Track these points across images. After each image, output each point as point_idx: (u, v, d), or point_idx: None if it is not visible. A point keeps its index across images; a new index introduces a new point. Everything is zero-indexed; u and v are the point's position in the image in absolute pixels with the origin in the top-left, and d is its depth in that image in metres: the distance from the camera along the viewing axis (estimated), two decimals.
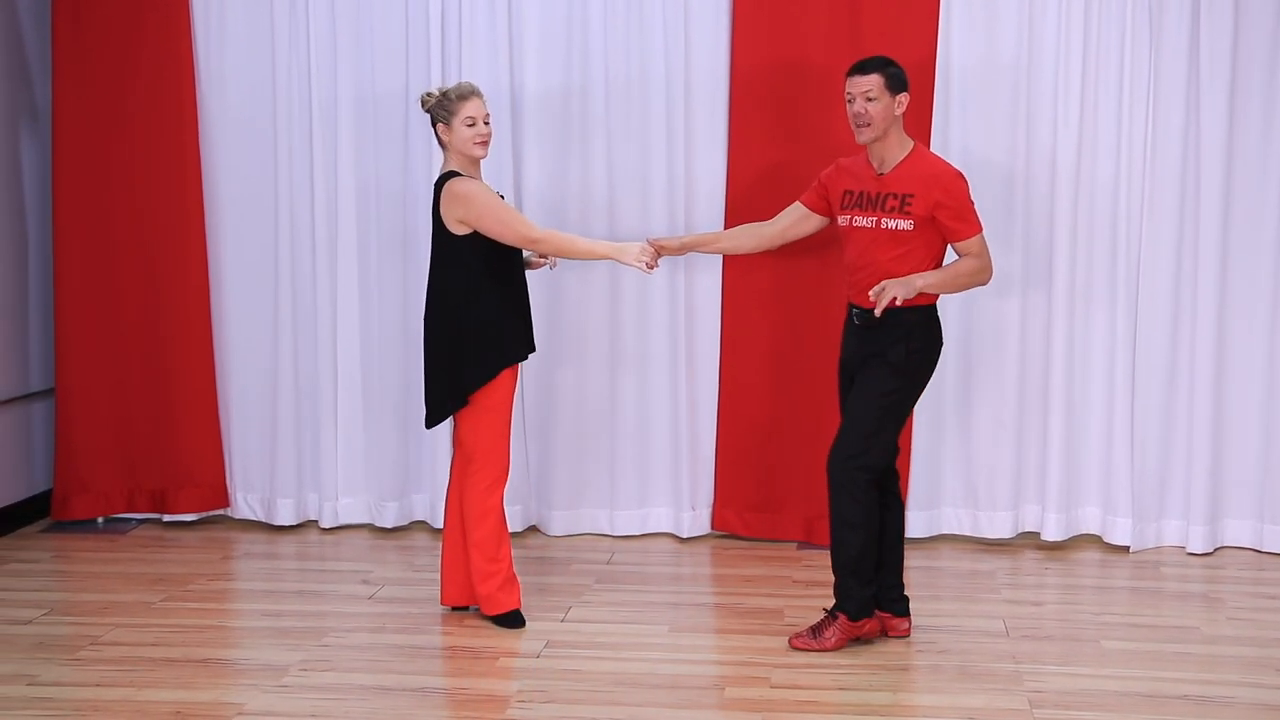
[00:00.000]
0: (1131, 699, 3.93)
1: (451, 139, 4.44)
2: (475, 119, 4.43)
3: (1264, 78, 5.29)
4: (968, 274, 4.32)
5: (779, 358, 5.50)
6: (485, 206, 4.39)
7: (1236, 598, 4.90)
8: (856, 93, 4.29)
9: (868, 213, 4.33)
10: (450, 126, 4.43)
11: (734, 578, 5.16)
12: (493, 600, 4.54)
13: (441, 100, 4.44)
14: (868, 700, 3.91)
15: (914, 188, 4.25)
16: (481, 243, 4.40)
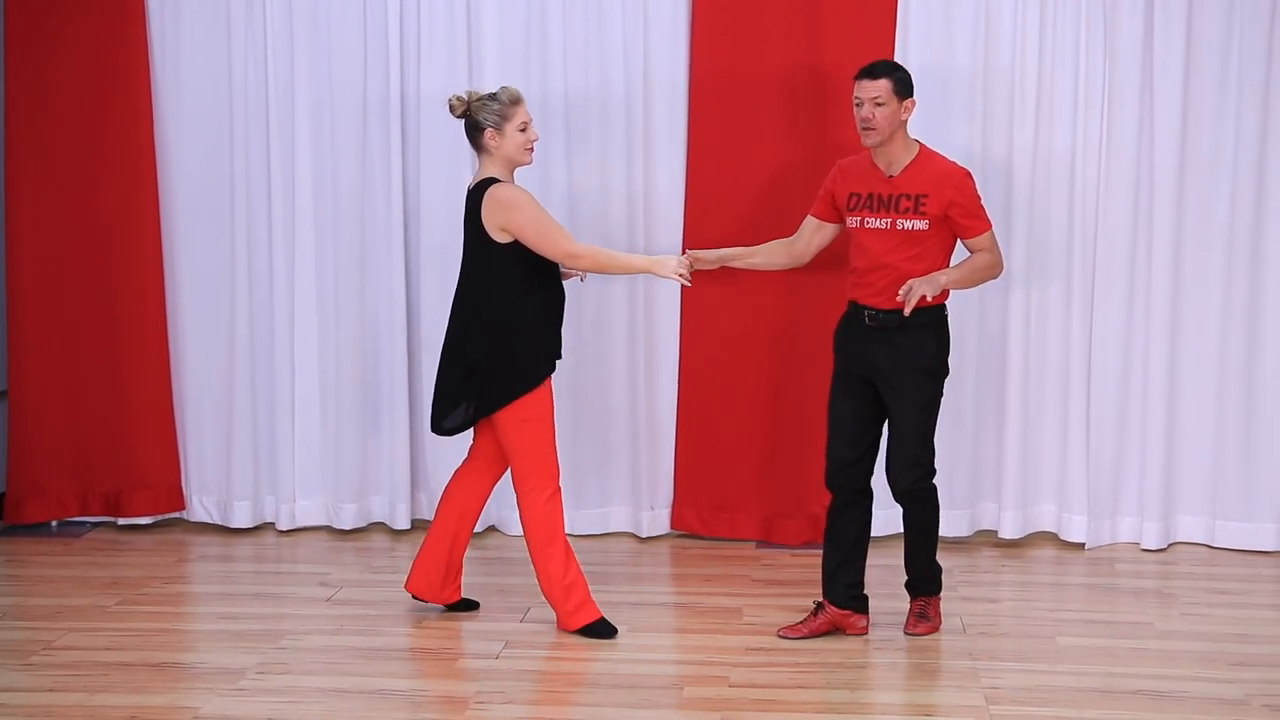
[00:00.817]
0: (1087, 694, 3.96)
1: (501, 144, 4.32)
2: (527, 124, 4.34)
3: (1215, 77, 5.35)
4: (984, 268, 4.43)
5: (738, 358, 5.50)
6: (530, 215, 4.29)
7: (1189, 593, 4.95)
8: (865, 97, 4.32)
9: (880, 214, 4.37)
10: (502, 132, 4.31)
11: (693, 577, 5.17)
12: (578, 615, 4.45)
13: (490, 104, 4.30)
14: (826, 698, 3.93)
15: (927, 188, 4.32)
16: (523, 252, 4.30)
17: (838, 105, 5.33)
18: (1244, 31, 5.31)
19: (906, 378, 4.35)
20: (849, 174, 4.50)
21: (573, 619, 4.44)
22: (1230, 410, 5.46)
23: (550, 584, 4.42)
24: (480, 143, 4.37)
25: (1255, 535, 5.45)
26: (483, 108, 4.32)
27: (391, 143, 5.53)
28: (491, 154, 4.36)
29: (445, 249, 5.55)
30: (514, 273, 4.32)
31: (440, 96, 5.48)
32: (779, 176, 5.38)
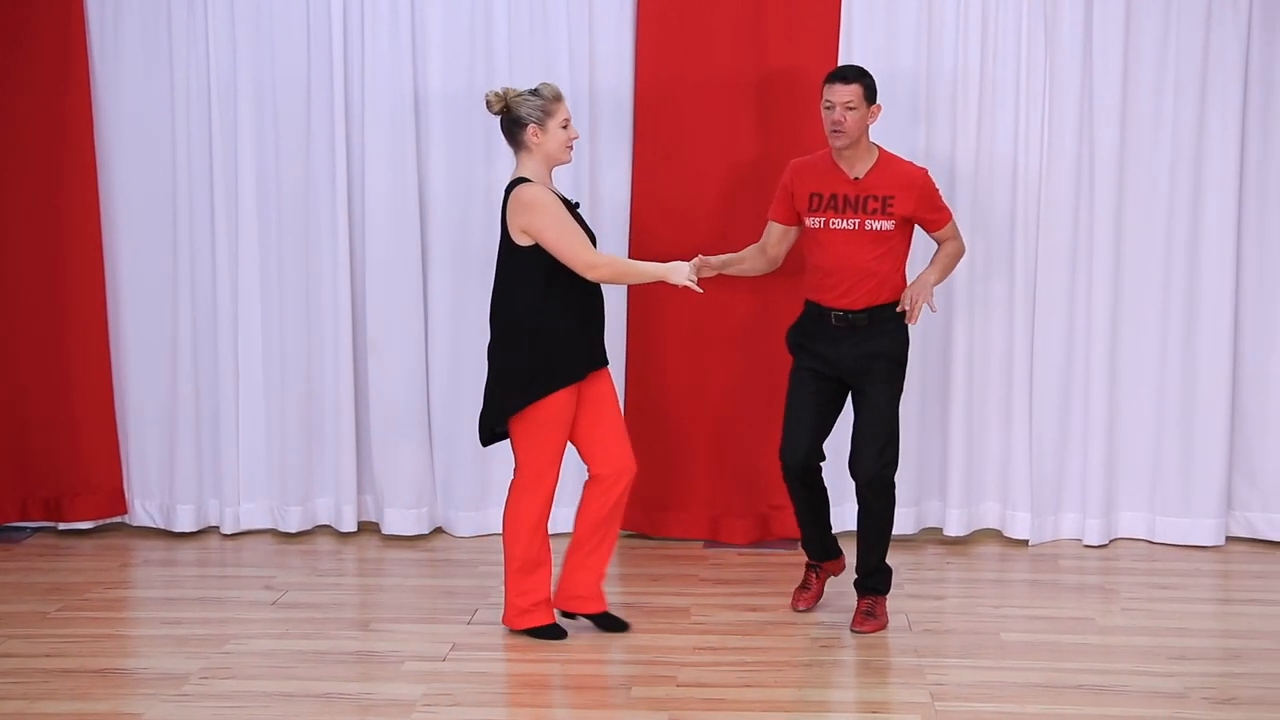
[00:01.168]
0: (1030, 690, 4.00)
1: (544, 141, 4.21)
2: (568, 121, 4.24)
3: (1152, 78, 5.42)
4: (955, 256, 4.66)
5: (686, 357, 5.52)
6: (551, 218, 4.17)
7: (1130, 588, 5.01)
8: (837, 101, 4.40)
9: (847, 215, 4.46)
10: (545, 129, 4.19)
11: (641, 577, 5.18)
12: (525, 617, 4.42)
13: (533, 99, 4.19)
14: (773, 696, 3.95)
15: (894, 190, 4.45)
16: (546, 255, 4.20)
17: (783, 108, 5.37)
18: (1180, 34, 5.39)
19: (880, 369, 4.49)
20: (806, 175, 4.56)
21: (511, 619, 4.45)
22: (1169, 408, 5.54)
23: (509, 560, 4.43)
24: (521, 140, 4.24)
25: (1194, 530, 5.53)
26: (524, 103, 4.20)
27: (336, 144, 5.49)
28: (532, 151, 4.24)
29: (391, 249, 5.53)
30: (535, 276, 4.22)
31: (384, 97, 5.47)
32: (726, 178, 5.40)
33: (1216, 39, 5.38)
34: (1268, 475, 5.54)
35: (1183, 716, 3.79)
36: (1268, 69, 5.42)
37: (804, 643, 4.40)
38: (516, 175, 4.27)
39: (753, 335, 5.44)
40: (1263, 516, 5.57)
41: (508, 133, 4.28)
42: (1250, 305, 5.51)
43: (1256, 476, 5.56)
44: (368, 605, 4.85)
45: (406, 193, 5.51)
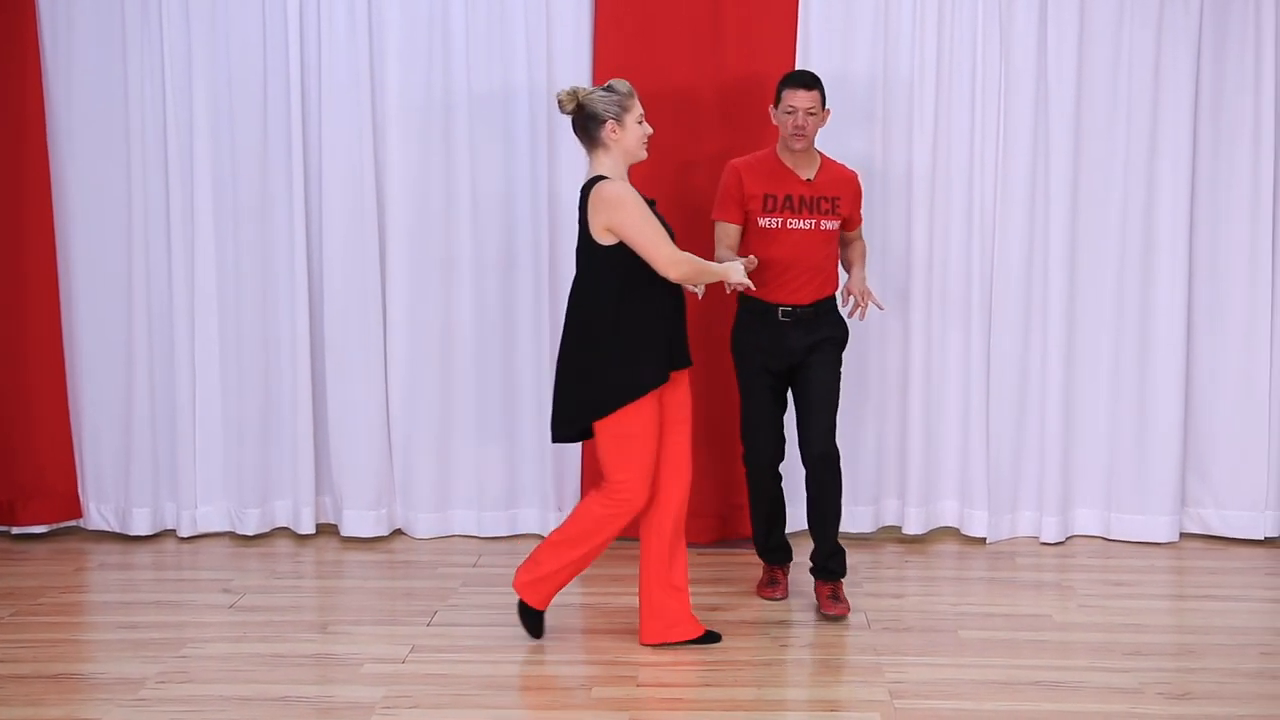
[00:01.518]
0: (988, 686, 4.03)
1: (622, 138, 4.11)
2: (643, 116, 4.17)
3: (1107, 82, 5.47)
4: (865, 252, 4.96)
5: None
6: (634, 215, 4.06)
7: (1086, 585, 5.06)
8: (800, 106, 4.58)
9: (804, 215, 4.65)
10: (623, 125, 4.10)
11: (601, 577, 5.17)
12: (532, 589, 4.33)
13: (609, 95, 4.09)
14: (733, 695, 3.95)
15: (839, 191, 4.73)
16: (627, 254, 4.09)
17: (740, 109, 5.38)
18: (1133, 39, 5.45)
19: (827, 351, 4.70)
20: (755, 176, 4.66)
21: (526, 589, 4.34)
22: (1124, 408, 5.59)
23: (542, 548, 4.32)
24: (598, 137, 4.13)
25: (1148, 527, 5.59)
26: (600, 99, 4.10)
27: (293, 144, 5.47)
28: (609, 148, 4.14)
29: (349, 249, 5.51)
30: (613, 275, 4.11)
31: (341, 97, 5.45)
32: (684, 179, 5.41)
33: (1169, 42, 5.44)
34: (1220, 473, 5.61)
35: (1138, 712, 3.82)
36: (1218, 74, 5.48)
37: (764, 642, 4.41)
38: (594, 174, 4.16)
39: (711, 335, 5.45)
40: (1215, 513, 5.64)
41: (582, 130, 4.16)
42: (1202, 305, 5.58)
43: (1209, 474, 5.63)
44: (326, 607, 4.82)
45: (364, 193, 5.49)
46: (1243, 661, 4.22)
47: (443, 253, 5.57)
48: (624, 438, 4.14)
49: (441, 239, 5.55)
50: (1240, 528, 5.60)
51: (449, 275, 5.58)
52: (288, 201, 5.51)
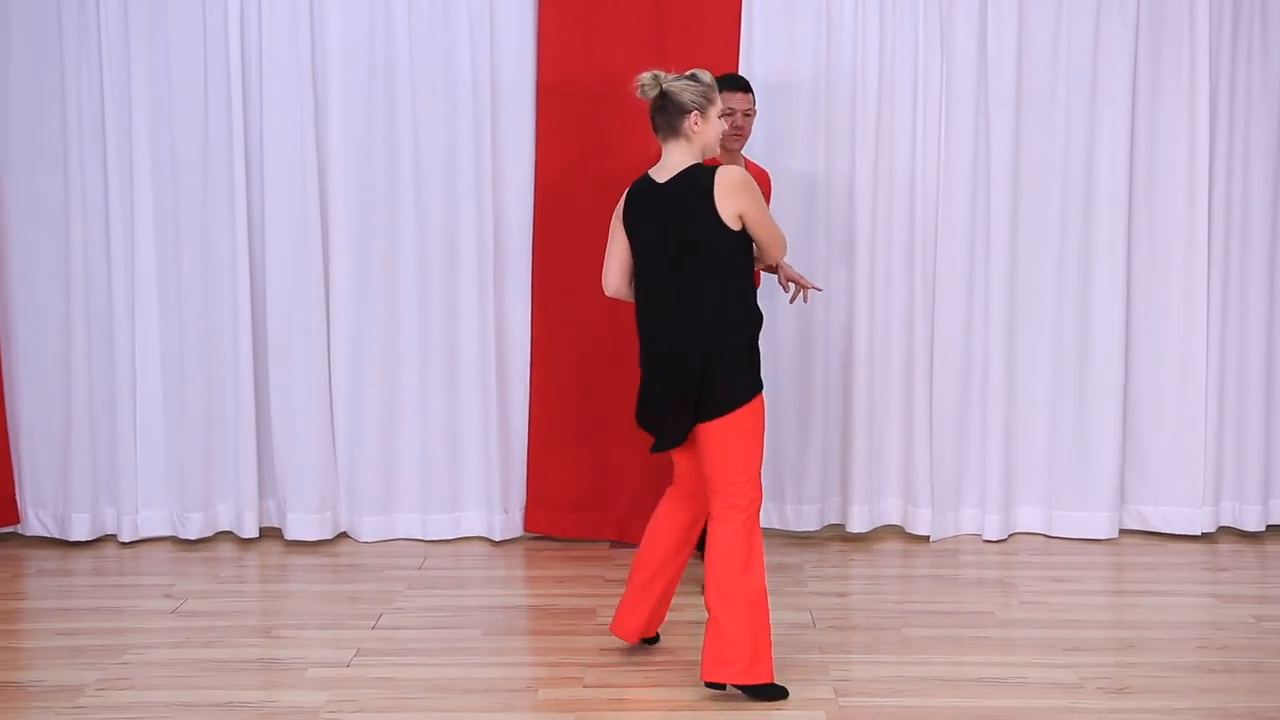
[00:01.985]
0: (932, 684, 4.06)
1: (704, 130, 3.89)
2: (723, 110, 4.01)
3: (1046, 81, 5.54)
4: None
5: (589, 358, 5.53)
6: (759, 198, 3.86)
7: (1028, 581, 5.11)
8: (740, 108, 4.68)
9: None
10: (706, 118, 3.89)
11: (547, 579, 5.17)
12: (754, 669, 3.86)
13: (694, 85, 3.87)
14: (679, 696, 3.96)
15: (763, 189, 4.80)
16: (737, 245, 3.87)
17: None
18: (1071, 39, 5.52)
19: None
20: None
21: (748, 672, 3.84)
22: (1064, 406, 5.66)
23: (739, 631, 3.83)
24: (680, 128, 3.90)
25: (1089, 524, 5.66)
26: (686, 89, 3.88)
27: (234, 144, 5.42)
28: (690, 141, 3.92)
29: (291, 250, 5.47)
30: (742, 264, 3.87)
31: (283, 95, 5.41)
32: (629, 174, 5.40)
33: (1106, 39, 5.51)
34: (1158, 469, 5.69)
35: (1078, 706, 3.87)
36: (1155, 73, 5.56)
37: None
38: (686, 166, 3.90)
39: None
40: (1154, 509, 5.72)
41: (662, 119, 3.93)
42: (1140, 306, 5.65)
43: (1147, 471, 5.70)
44: (270, 612, 4.79)
45: (307, 190, 5.45)
46: (1180, 655, 4.28)
47: (387, 250, 5.55)
48: (753, 432, 3.90)
49: (385, 235, 5.53)
50: (1178, 524, 5.68)
51: (393, 274, 5.55)
52: (229, 200, 5.47)
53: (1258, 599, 4.91)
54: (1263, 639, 4.43)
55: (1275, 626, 4.56)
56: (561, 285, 5.51)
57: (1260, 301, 5.66)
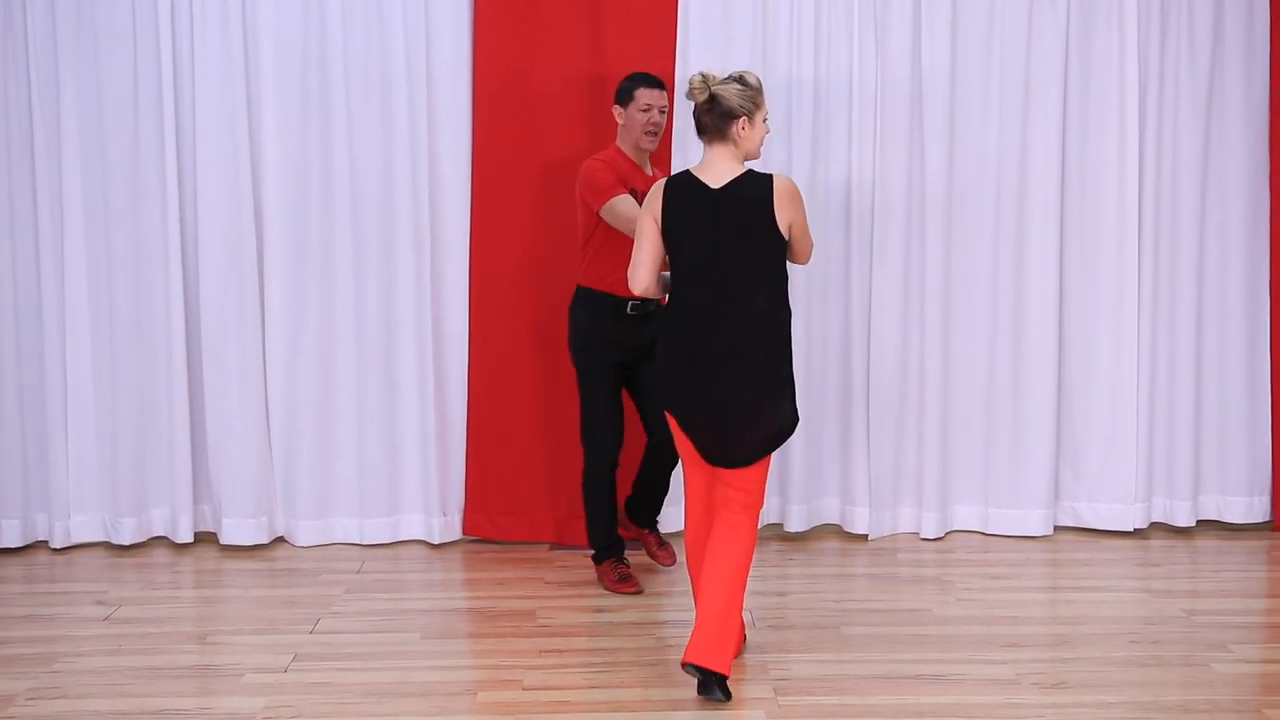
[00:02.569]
0: (870, 681, 4.09)
1: (751, 135, 3.86)
2: (767, 115, 3.95)
3: (979, 82, 5.59)
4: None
5: (527, 360, 5.51)
6: (805, 212, 3.90)
7: (965, 579, 5.16)
8: (656, 104, 4.74)
9: None
10: (753, 123, 3.85)
11: (486, 581, 5.15)
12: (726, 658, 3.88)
13: (744, 89, 3.82)
14: (619, 697, 3.96)
15: None
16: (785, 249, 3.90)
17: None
18: (1003, 41, 5.58)
19: (653, 354, 4.74)
20: (620, 171, 4.78)
21: (729, 662, 3.88)
22: (999, 405, 5.72)
23: (734, 614, 3.89)
24: (727, 132, 3.86)
25: (1024, 521, 5.72)
26: (737, 94, 3.82)
27: (166, 147, 5.35)
28: (737, 145, 3.87)
29: (225, 252, 5.41)
30: (781, 275, 3.88)
31: (215, 98, 5.35)
32: (566, 179, 5.41)
33: (1038, 45, 5.58)
34: (1090, 467, 5.76)
35: (1015, 702, 3.91)
36: (1085, 75, 5.63)
37: (650, 642, 4.42)
38: (740, 171, 3.88)
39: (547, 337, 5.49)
40: (1087, 506, 5.79)
41: (712, 123, 3.86)
42: (1073, 307, 5.72)
43: (1080, 468, 5.78)
44: (206, 618, 4.73)
45: (240, 191, 5.40)
46: (1113, 650, 4.34)
47: (322, 252, 5.50)
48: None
49: (320, 235, 5.48)
50: (1111, 520, 5.76)
51: (329, 275, 5.51)
52: (161, 202, 5.40)
53: (1189, 593, 4.98)
54: (1193, 633, 4.50)
55: (1205, 621, 4.63)
56: (500, 284, 5.49)
57: (1189, 302, 5.75)
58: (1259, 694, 3.97)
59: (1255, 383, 5.82)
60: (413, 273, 5.48)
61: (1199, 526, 5.89)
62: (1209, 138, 5.71)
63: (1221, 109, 5.71)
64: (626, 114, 4.83)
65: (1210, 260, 5.77)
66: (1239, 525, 5.87)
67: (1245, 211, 5.75)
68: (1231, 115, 5.71)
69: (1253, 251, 5.77)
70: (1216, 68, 5.68)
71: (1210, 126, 5.71)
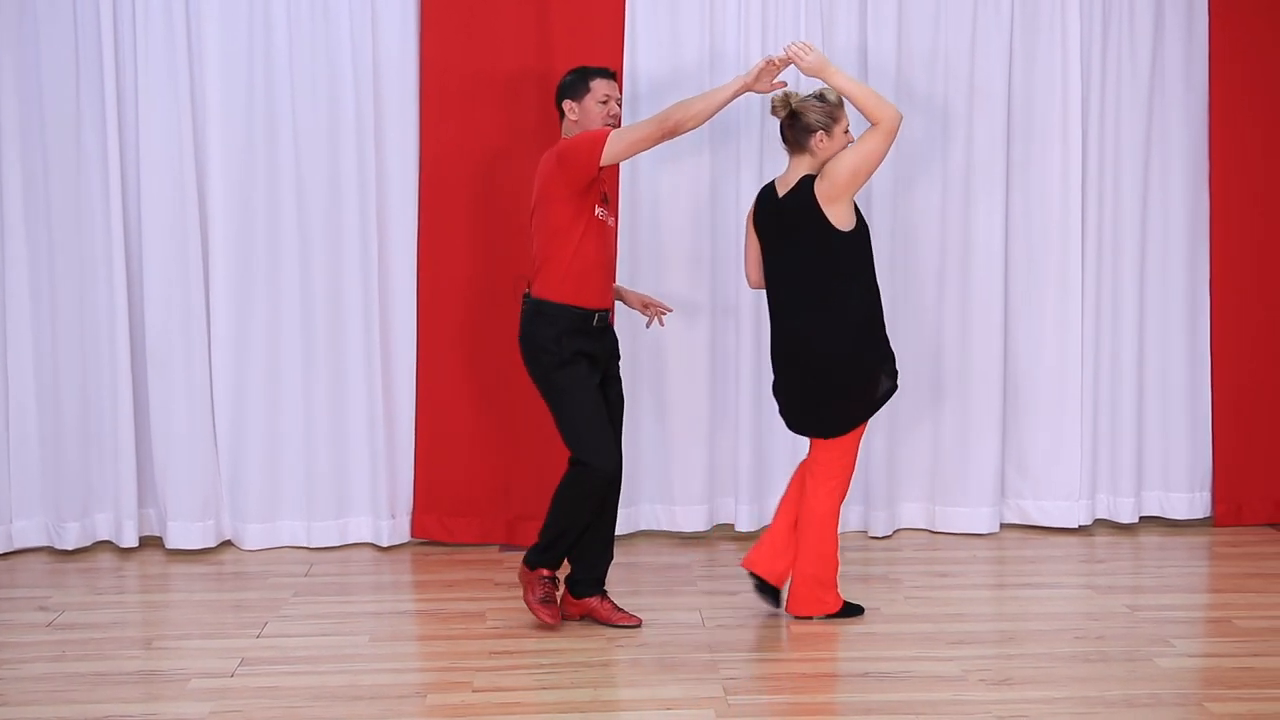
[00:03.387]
0: (819, 679, 4.11)
1: (829, 146, 4.33)
2: (848, 126, 4.35)
3: (924, 79, 5.64)
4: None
5: (476, 361, 5.50)
6: (838, 176, 4.31)
7: (913, 577, 5.19)
8: (613, 95, 4.52)
9: (612, 210, 4.59)
10: (832, 135, 4.32)
11: (435, 583, 5.13)
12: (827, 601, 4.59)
13: (822, 105, 4.30)
14: (569, 698, 3.96)
15: (612, 187, 4.75)
16: (861, 240, 4.36)
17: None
18: (949, 36, 5.63)
19: (615, 365, 4.62)
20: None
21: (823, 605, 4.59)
22: (946, 403, 5.77)
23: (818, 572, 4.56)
24: (806, 145, 4.33)
25: (971, 519, 5.77)
26: (815, 110, 4.29)
27: (109, 147, 5.30)
28: (815, 156, 4.34)
29: (170, 253, 5.37)
30: (847, 269, 4.39)
31: (159, 102, 5.30)
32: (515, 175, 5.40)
33: (983, 32, 5.62)
34: (1036, 465, 5.82)
35: (961, 699, 3.94)
36: (1029, 74, 5.69)
37: (599, 643, 4.42)
38: (799, 176, 4.34)
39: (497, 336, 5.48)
40: (1033, 503, 5.85)
41: (790, 135, 4.34)
42: (1017, 306, 5.78)
43: (1026, 466, 5.83)
44: (151, 623, 4.69)
45: (185, 193, 5.35)
46: (1058, 646, 4.38)
47: (269, 253, 5.47)
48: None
49: (267, 237, 5.45)
50: (1056, 517, 5.82)
51: (275, 276, 5.47)
52: (104, 204, 5.34)
53: (1131, 589, 5.05)
54: (1136, 628, 4.56)
55: (1148, 616, 4.69)
56: (449, 284, 5.47)
57: (1131, 300, 5.82)
58: (1200, 688, 4.03)
59: (1196, 380, 5.90)
60: (360, 273, 5.46)
61: (1142, 523, 5.97)
62: (1150, 139, 5.78)
63: (1163, 111, 5.79)
64: (581, 107, 4.47)
65: (1152, 259, 5.84)
66: (1181, 521, 5.96)
67: (1186, 211, 5.83)
68: (1172, 117, 5.78)
69: (1193, 251, 5.85)
70: (1157, 69, 5.76)
71: (1152, 128, 5.78)
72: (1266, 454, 5.89)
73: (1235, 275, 5.81)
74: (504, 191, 5.42)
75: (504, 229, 5.42)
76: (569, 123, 4.53)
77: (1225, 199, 5.77)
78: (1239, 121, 5.75)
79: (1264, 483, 5.90)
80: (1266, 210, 5.81)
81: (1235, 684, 4.05)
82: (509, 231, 5.39)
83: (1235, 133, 5.75)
